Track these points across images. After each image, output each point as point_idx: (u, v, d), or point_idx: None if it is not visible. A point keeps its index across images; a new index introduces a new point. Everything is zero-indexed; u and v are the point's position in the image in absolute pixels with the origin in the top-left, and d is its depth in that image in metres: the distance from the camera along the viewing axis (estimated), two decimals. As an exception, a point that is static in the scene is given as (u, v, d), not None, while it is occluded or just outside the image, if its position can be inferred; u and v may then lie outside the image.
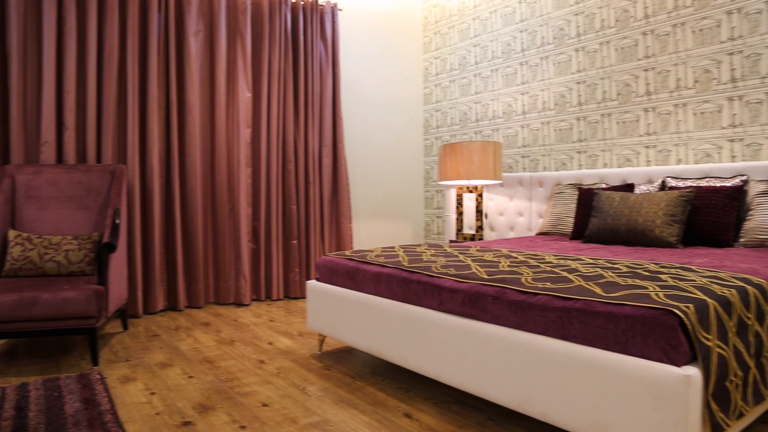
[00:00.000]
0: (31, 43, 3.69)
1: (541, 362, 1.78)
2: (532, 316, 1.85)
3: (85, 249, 3.18)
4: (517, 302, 1.90)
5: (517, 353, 1.86)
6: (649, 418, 1.50)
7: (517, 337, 1.87)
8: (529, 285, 1.96)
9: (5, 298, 2.62)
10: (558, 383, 1.73)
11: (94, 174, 3.48)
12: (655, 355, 1.53)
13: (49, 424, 2.08)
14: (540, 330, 1.83)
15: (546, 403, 1.77)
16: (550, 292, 1.85)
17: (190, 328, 3.62)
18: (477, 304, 2.04)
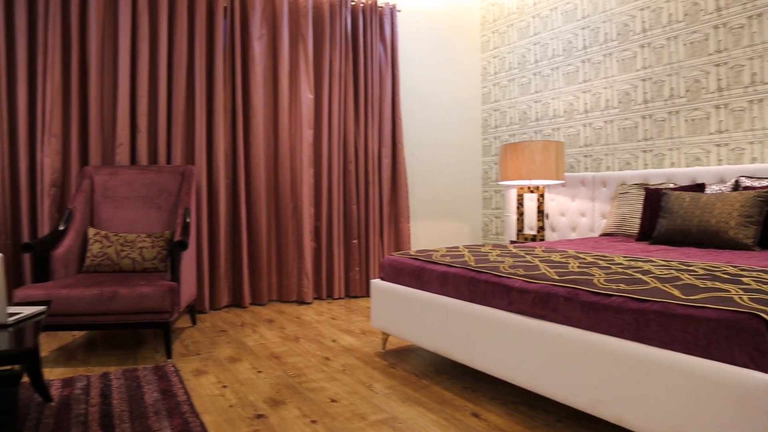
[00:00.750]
0: (108, 50, 3.86)
1: (615, 364, 1.76)
2: (606, 317, 1.82)
3: (158, 246, 3.31)
4: (590, 303, 1.88)
5: (589, 355, 1.84)
6: (732, 425, 1.46)
7: (589, 338, 1.85)
8: (602, 286, 1.93)
9: (88, 292, 2.76)
10: (633, 386, 1.70)
11: (166, 174, 3.62)
12: (740, 361, 1.48)
13: (131, 411, 2.18)
14: (614, 332, 1.80)
15: (620, 405, 1.74)
16: (624, 294, 1.82)
17: (255, 325, 3.72)
18: (548, 304, 2.02)
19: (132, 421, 2.09)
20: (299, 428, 2.07)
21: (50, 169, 3.63)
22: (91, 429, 2.03)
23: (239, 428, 2.07)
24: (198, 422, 2.08)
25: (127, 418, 2.12)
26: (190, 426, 2.04)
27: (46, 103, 3.64)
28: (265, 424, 2.10)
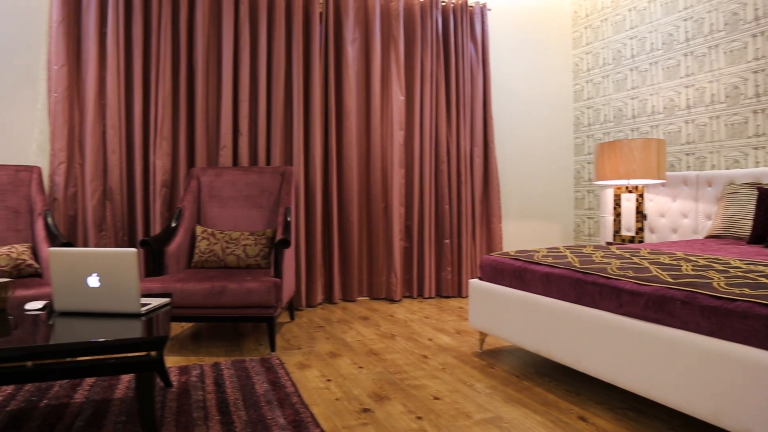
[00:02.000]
0: (213, 59, 4.07)
1: (741, 372, 1.68)
2: (730, 323, 1.74)
3: (261, 244, 3.45)
4: (711, 308, 1.80)
5: (711, 361, 1.76)
6: None
7: (711, 344, 1.77)
8: (723, 290, 1.85)
9: (200, 286, 2.92)
10: (763, 396, 1.62)
11: (267, 175, 3.77)
12: None
13: (245, 400, 2.30)
14: (740, 339, 1.72)
15: (748, 417, 1.66)
16: (750, 299, 1.73)
17: (350, 321, 3.80)
18: (662, 308, 1.96)
19: (246, 409, 2.20)
20: (405, 423, 2.10)
21: (161, 170, 3.87)
22: (211, 414, 2.15)
23: (347, 421, 2.13)
24: (308, 413, 2.15)
25: (241, 406, 2.23)
26: (302, 416, 2.12)
27: (158, 109, 3.88)
28: (372, 418, 2.15)
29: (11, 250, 3.16)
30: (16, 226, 3.40)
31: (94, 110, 3.78)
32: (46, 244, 3.25)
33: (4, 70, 3.79)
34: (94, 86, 3.78)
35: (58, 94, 3.74)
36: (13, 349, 1.61)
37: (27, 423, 2.09)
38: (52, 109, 3.74)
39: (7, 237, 3.36)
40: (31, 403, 2.30)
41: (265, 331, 3.59)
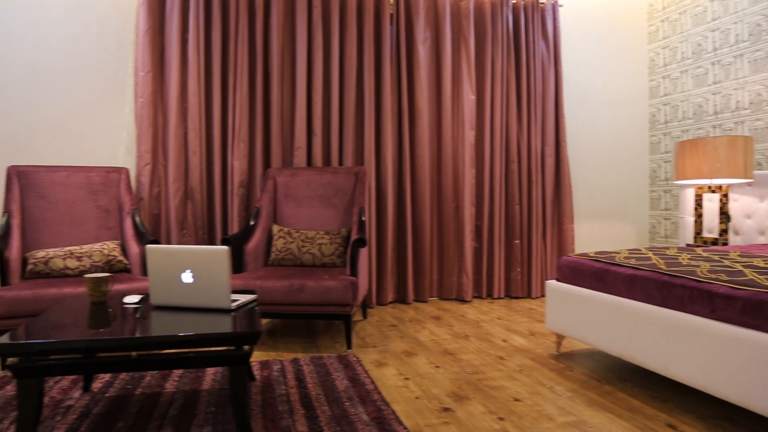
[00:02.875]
0: (287, 62, 4.18)
1: None
2: (839, 329, 1.65)
3: (335, 243, 3.51)
4: (817, 313, 1.71)
5: (818, 370, 1.67)
6: None
7: (817, 351, 1.68)
8: (830, 295, 1.75)
9: (279, 284, 3.00)
10: None
11: (341, 176, 3.83)
12: None
13: (327, 396, 2.34)
14: None
15: None
16: None
17: (423, 321, 3.81)
18: (762, 313, 1.87)
19: (329, 404, 2.25)
20: (487, 424, 2.10)
21: (239, 171, 4.00)
22: (295, 408, 2.21)
23: (429, 419, 2.14)
24: (390, 411, 2.18)
25: (324, 401, 2.28)
26: (384, 414, 2.15)
27: (236, 112, 4.02)
28: (453, 418, 2.16)
29: (103, 247, 3.34)
30: (107, 224, 3.59)
31: (177, 114, 3.95)
32: (134, 242, 3.42)
33: (95, 77, 4.01)
34: (176, 91, 3.95)
35: (144, 99, 3.92)
36: (122, 340, 1.70)
37: (126, 409, 2.21)
38: (138, 113, 3.94)
39: (99, 234, 3.55)
40: (127, 390, 2.43)
41: (338, 328, 3.65)
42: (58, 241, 3.45)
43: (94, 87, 4.03)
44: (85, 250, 3.28)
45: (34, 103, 3.97)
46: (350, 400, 2.29)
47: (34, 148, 3.98)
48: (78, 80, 4.01)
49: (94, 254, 3.27)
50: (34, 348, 1.68)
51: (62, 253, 3.22)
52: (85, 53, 4.02)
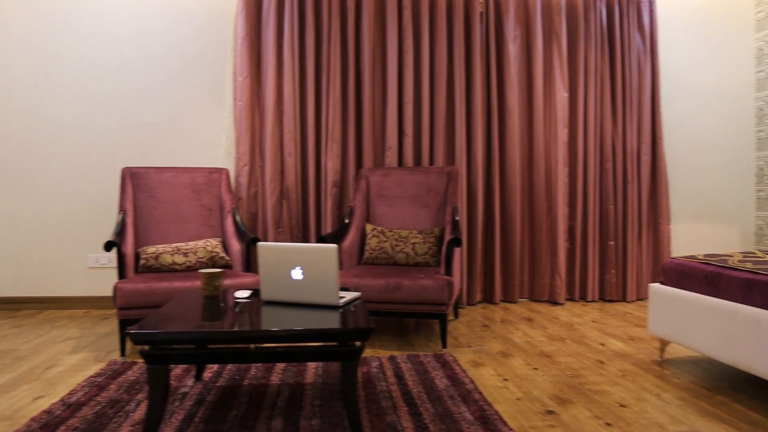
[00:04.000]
0: (378, 64, 4.24)
1: None
2: None
3: (429, 242, 3.53)
4: None
5: None
6: None
7: None
8: None
9: (375, 282, 3.06)
10: None
11: (433, 175, 3.85)
12: None
13: (428, 394, 2.36)
14: None
15: None
16: None
17: (514, 322, 3.77)
18: None
19: (431, 402, 2.27)
20: (594, 429, 2.05)
21: (332, 171, 4.10)
22: (398, 405, 2.24)
23: (533, 421, 2.12)
24: (493, 411, 2.17)
25: (426, 399, 2.30)
26: (487, 414, 2.14)
27: (329, 114, 4.12)
28: (558, 421, 2.12)
29: (207, 244, 3.51)
30: (209, 222, 3.77)
31: (273, 116, 4.09)
32: (235, 239, 3.57)
33: (196, 82, 4.23)
34: (272, 94, 4.10)
35: (242, 102, 4.09)
36: (249, 332, 1.79)
37: (237, 398, 2.32)
38: (237, 116, 4.11)
39: (202, 232, 3.74)
40: (236, 381, 2.54)
41: (428, 326, 3.67)
42: (165, 238, 3.66)
43: (195, 92, 4.24)
44: (190, 246, 3.46)
45: (142, 108, 4.23)
46: (452, 399, 2.30)
47: (143, 150, 4.25)
48: (181, 86, 4.24)
49: (198, 251, 3.44)
50: (163, 337, 1.79)
51: (170, 249, 3.41)
52: (187, 60, 4.24)
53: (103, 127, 4.24)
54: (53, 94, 4.23)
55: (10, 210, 4.25)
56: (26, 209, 4.26)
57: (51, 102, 4.23)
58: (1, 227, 4.26)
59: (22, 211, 4.26)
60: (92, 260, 4.26)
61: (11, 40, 4.21)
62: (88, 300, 4.28)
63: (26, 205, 4.26)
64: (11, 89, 4.22)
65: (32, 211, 4.26)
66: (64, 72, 4.22)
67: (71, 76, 4.22)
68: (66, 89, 4.23)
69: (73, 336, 3.47)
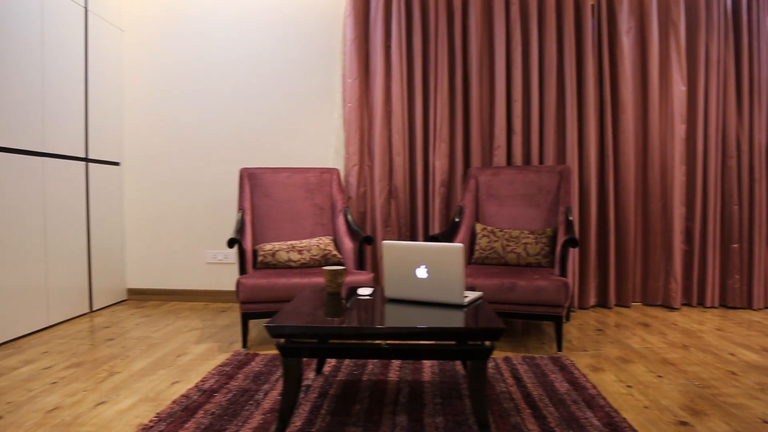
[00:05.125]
0: (485, 62, 4.20)
1: None
2: None
3: (541, 243, 3.46)
4: None
5: None
6: None
7: None
8: None
9: (489, 282, 3.03)
10: None
11: (544, 174, 3.77)
12: None
13: (549, 397, 2.32)
14: None
15: None
16: None
17: (630, 327, 3.62)
18: None
19: (554, 406, 2.22)
20: (737, 443, 1.93)
21: (440, 170, 4.11)
22: (520, 407, 2.22)
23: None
24: (621, 418, 2.10)
25: (548, 402, 2.26)
26: (615, 420, 2.08)
27: (437, 113, 4.13)
28: (694, 432, 2.02)
29: (320, 242, 3.62)
30: (321, 220, 3.89)
31: (382, 117, 4.16)
32: (347, 238, 3.66)
33: (307, 85, 4.37)
34: (381, 95, 4.16)
35: (351, 104, 4.19)
36: (382, 329, 1.84)
37: (358, 393, 2.38)
38: (346, 117, 4.21)
39: (314, 230, 3.86)
40: (354, 376, 2.61)
41: (540, 328, 3.60)
42: (280, 236, 3.81)
43: (306, 95, 4.39)
44: (304, 244, 3.58)
45: (255, 111, 4.43)
46: (576, 404, 2.25)
47: (255, 151, 4.45)
48: (292, 89, 4.40)
49: (312, 248, 3.55)
50: (299, 331, 1.87)
51: (285, 246, 3.55)
52: (297, 64, 4.40)
53: (219, 128, 4.48)
54: (174, 97, 4.52)
55: (138, 209, 4.59)
56: (152, 208, 4.58)
57: (172, 105, 4.52)
58: (131, 225, 4.61)
59: (149, 210, 4.58)
60: (210, 256, 4.52)
61: (135, 47, 4.54)
62: (207, 293, 4.53)
63: (152, 204, 4.58)
64: (138, 94, 4.55)
65: (157, 210, 4.58)
66: (183, 76, 4.50)
67: (191, 80, 4.49)
68: (186, 92, 4.50)
69: (197, 327, 3.69)
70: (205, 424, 2.07)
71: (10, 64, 3.33)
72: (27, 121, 3.47)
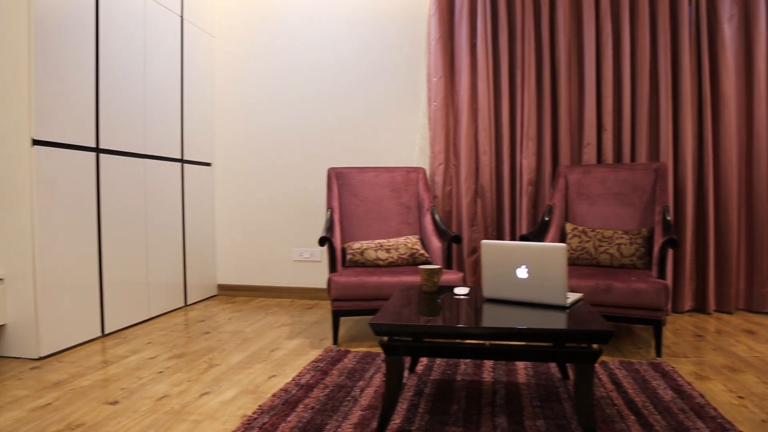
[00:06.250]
0: (574, 57, 4.08)
1: None
2: None
3: (636, 244, 3.33)
4: None
5: None
6: None
7: None
8: None
9: (583, 283, 2.95)
10: None
11: (639, 172, 3.62)
12: None
13: (654, 405, 2.23)
14: None
15: None
16: None
17: (733, 334, 3.42)
18: None
19: (660, 414, 2.13)
20: None
21: (527, 169, 4.03)
22: (623, 413, 2.14)
23: (788, 446, 1.90)
24: (737, 431, 1.98)
25: (653, 410, 2.17)
26: (730, 432, 1.97)
27: (524, 111, 4.06)
28: (821, 448, 1.88)
29: (407, 241, 3.64)
30: (407, 219, 3.90)
31: (468, 115, 4.13)
32: (435, 237, 3.66)
33: (391, 85, 4.40)
34: (467, 94, 4.13)
35: (436, 102, 4.18)
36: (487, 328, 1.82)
37: (454, 393, 2.37)
38: (431, 116, 4.21)
39: (401, 229, 3.88)
40: (447, 376, 2.60)
41: (633, 332, 3.46)
42: (367, 234, 3.85)
43: (390, 94, 4.42)
44: (391, 243, 3.61)
45: (339, 110, 4.50)
46: (683, 413, 2.14)
47: (340, 150, 4.52)
48: (376, 89, 4.44)
49: (399, 247, 3.57)
50: (404, 330, 1.88)
51: (373, 245, 3.58)
52: (381, 64, 4.43)
53: (305, 129, 4.58)
54: (262, 99, 4.66)
55: (228, 208, 4.77)
56: (241, 207, 4.74)
57: (260, 107, 4.67)
58: (221, 224, 4.79)
59: (238, 209, 4.75)
60: (296, 254, 4.63)
61: (225, 52, 4.71)
62: (293, 290, 4.65)
63: (241, 203, 4.74)
64: (227, 97, 4.72)
65: (246, 209, 4.74)
66: (271, 79, 4.63)
67: (278, 82, 4.62)
68: (273, 94, 4.63)
69: (286, 323, 3.79)
70: (306, 418, 2.12)
71: (118, 73, 3.53)
72: (131, 125, 3.68)
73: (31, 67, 2.88)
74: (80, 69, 3.22)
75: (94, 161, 3.35)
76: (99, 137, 3.38)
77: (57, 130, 3.06)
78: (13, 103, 2.92)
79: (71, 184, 3.17)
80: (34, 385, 2.58)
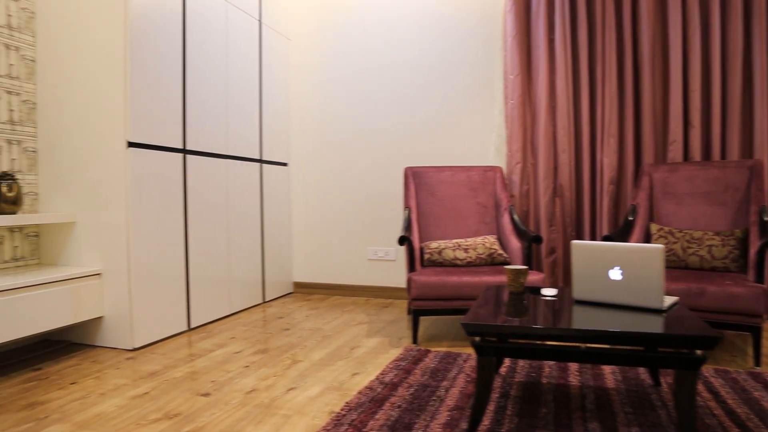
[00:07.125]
0: (658, 51, 3.93)
1: None
2: None
3: (729, 245, 3.17)
4: None
5: None
6: None
7: None
8: None
9: (675, 286, 2.83)
10: None
11: (731, 170, 3.45)
12: None
13: (759, 417, 2.12)
14: None
15: None
16: None
17: (837, 341, 3.22)
18: None
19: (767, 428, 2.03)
20: None
21: (609, 167, 3.91)
22: (725, 424, 2.05)
23: None
24: None
25: (758, 422, 2.07)
26: None
27: (605, 108, 3.94)
28: None
29: (485, 241, 3.60)
30: (484, 219, 3.87)
31: (546, 113, 4.05)
32: (513, 237, 3.61)
33: (467, 84, 4.37)
34: (545, 91, 4.05)
35: (513, 100, 4.12)
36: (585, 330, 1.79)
37: (541, 396, 2.33)
38: (508, 114, 4.15)
39: (478, 229, 3.85)
40: (532, 378, 2.56)
41: (727, 339, 3.30)
42: (444, 234, 3.84)
43: (465, 92, 4.39)
44: (469, 243, 3.58)
45: (415, 110, 4.51)
46: (792, 425, 2.03)
47: (415, 149, 4.52)
48: (451, 87, 4.42)
49: (477, 247, 3.54)
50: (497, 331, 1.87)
51: (451, 245, 3.57)
52: (456, 63, 4.40)
53: (380, 129, 4.61)
54: (337, 99, 4.73)
55: (303, 207, 4.87)
56: (317, 207, 4.83)
57: (335, 108, 4.74)
58: (297, 223, 4.90)
59: (314, 208, 4.84)
60: (371, 253, 4.67)
61: (301, 54, 4.81)
62: (368, 289, 4.70)
63: (317, 202, 4.83)
64: (303, 98, 4.82)
65: (321, 208, 4.82)
66: (346, 80, 4.69)
67: (353, 83, 4.67)
68: (348, 95, 4.69)
69: (363, 321, 3.83)
70: (394, 416, 2.14)
71: (202, 78, 3.67)
72: (215, 127, 3.81)
73: (127, 72, 3.04)
74: (169, 73, 3.37)
75: (182, 162, 3.49)
76: (186, 138, 3.52)
77: (149, 132, 3.21)
78: (110, 108, 3.08)
79: (161, 184, 3.32)
80: (131, 374, 2.72)
